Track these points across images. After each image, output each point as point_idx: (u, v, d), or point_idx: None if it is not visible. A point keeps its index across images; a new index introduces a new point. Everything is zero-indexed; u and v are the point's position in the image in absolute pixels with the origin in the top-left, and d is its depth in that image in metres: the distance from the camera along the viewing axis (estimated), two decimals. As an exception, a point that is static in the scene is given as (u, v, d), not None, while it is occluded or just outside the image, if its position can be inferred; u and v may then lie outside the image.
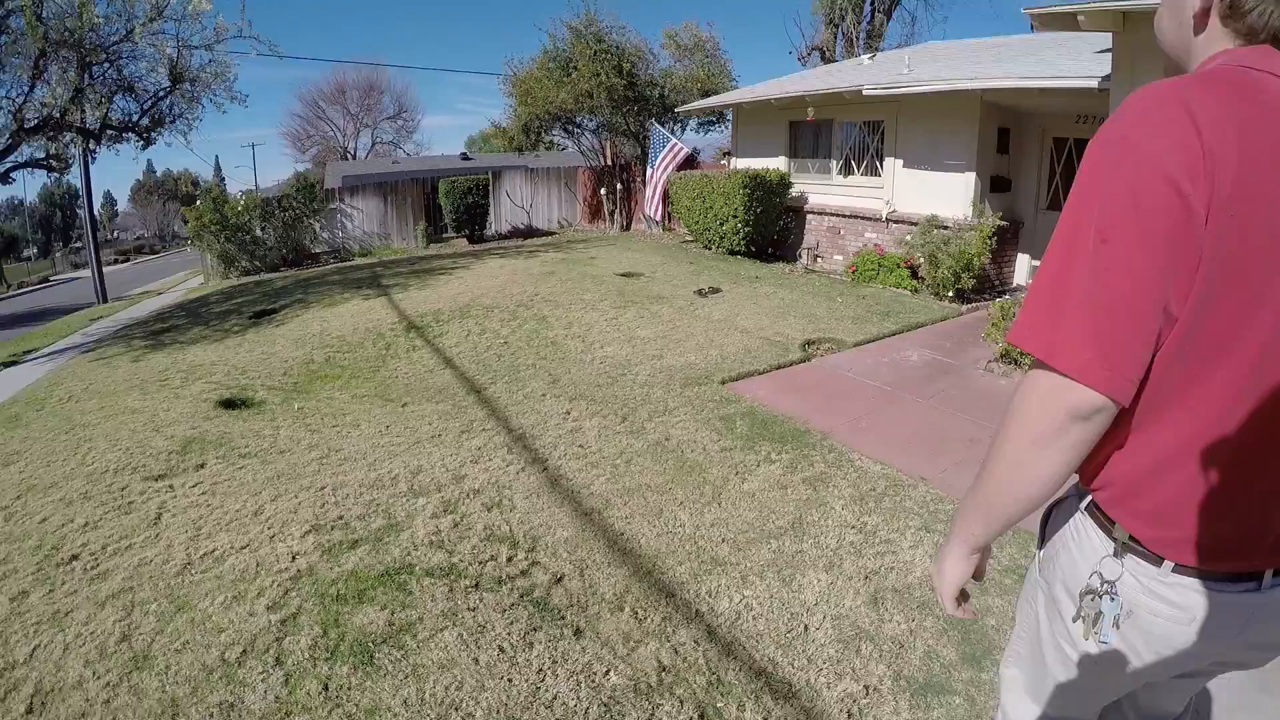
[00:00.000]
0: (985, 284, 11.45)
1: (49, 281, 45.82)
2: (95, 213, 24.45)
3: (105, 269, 23.53)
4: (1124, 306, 1.12)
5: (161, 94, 14.30)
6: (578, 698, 3.03)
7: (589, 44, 19.10)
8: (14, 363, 10.96)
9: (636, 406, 6.47)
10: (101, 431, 6.53)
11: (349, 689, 3.07)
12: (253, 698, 3.04)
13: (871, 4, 26.58)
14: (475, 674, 3.16)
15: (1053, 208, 12.06)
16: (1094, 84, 8.81)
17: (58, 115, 12.35)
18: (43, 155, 13.91)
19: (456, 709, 2.97)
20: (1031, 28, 8.28)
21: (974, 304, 10.70)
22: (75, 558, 4.27)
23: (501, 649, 3.31)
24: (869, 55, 17.91)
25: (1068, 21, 7.39)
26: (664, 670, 3.18)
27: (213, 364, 8.65)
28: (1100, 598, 1.32)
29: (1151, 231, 1.10)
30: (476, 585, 3.80)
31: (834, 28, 26.50)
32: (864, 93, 12.09)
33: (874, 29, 26.70)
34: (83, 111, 12.76)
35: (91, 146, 14.56)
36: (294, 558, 4.11)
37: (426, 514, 4.57)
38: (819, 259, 14.12)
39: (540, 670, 3.19)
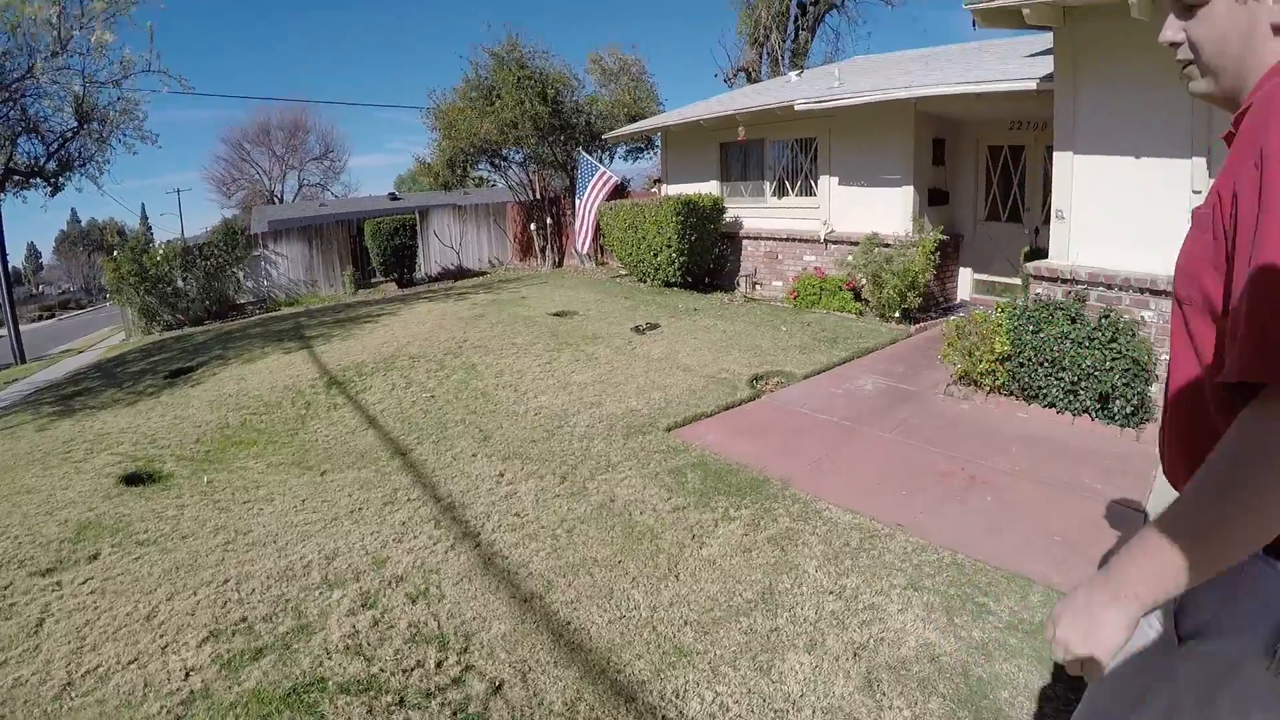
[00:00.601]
0: (930, 302, 11.21)
1: (-40, 340, 43.89)
2: (9, 267, 23.28)
3: (27, 326, 22.43)
4: None
5: (69, 135, 13.71)
6: None
7: (511, 71, 18.68)
8: (-88, 432, 10.13)
9: (576, 464, 5.95)
10: (-10, 517, 5.83)
11: None
12: None
13: (796, 23, 26.63)
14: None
15: (991, 218, 11.89)
16: (1032, 85, 8.61)
17: None
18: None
19: None
20: (974, 25, 8.03)
21: (921, 323, 10.43)
22: None
23: (429, 790, 2.76)
24: (796, 72, 17.75)
25: (1012, 17, 7.18)
26: None
27: (121, 431, 7.97)
28: None
29: None
30: (401, 702, 3.24)
31: (759, 47, 26.45)
32: (796, 108, 11.79)
33: (799, 47, 26.72)
34: None
35: None
36: (187, 675, 3.52)
37: (342, 610, 3.99)
38: (758, 286, 13.75)
39: None
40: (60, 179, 14.04)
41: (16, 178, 13.52)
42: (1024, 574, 3.98)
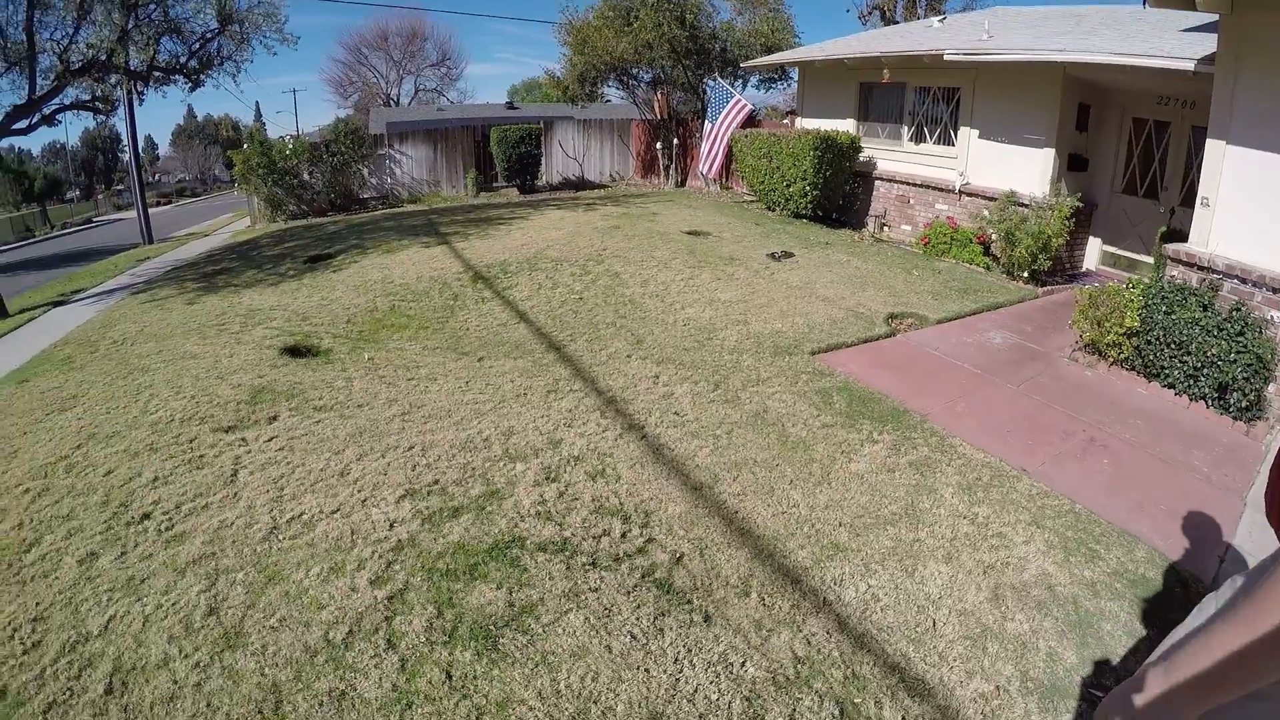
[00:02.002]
0: (1058, 266, 11.03)
1: (92, 222, 45.62)
2: (139, 155, 24.31)
3: (149, 211, 23.43)
4: None
5: (209, 36, 14.04)
6: (719, 690, 2.85)
7: (650, -9, 18.45)
8: (63, 302, 10.84)
9: (728, 374, 6.20)
10: (162, 377, 6.27)
11: (474, 678, 2.83)
12: (366, 685, 2.80)
13: (937, -35, 25.76)
14: (610, 664, 2.94)
15: (1128, 191, 11.54)
16: (1190, 66, 8.30)
17: (103, 57, 12.10)
18: (88, 97, 13.60)
19: (595, 702, 2.75)
20: (1144, 3, 7.89)
21: (1049, 287, 10.29)
22: (147, 517, 4.00)
23: (633, 635, 3.10)
24: (939, 18, 17.27)
25: (1185, 1, 7.02)
26: (800, 662, 3.05)
27: (271, 309, 8.40)
28: None
29: None
30: (594, 563, 3.56)
31: (897, -13, 25.72)
32: (945, 57, 11.56)
33: (937, -10, 25.89)
34: (126, 54, 12.49)
35: (138, 88, 14.27)
36: (392, 525, 3.84)
37: (528, 481, 4.31)
38: (885, 228, 13.67)
39: (677, 660, 2.98)
40: (200, 76, 14.45)
41: (157, 74, 13.95)
42: (1132, 532, 4.20)
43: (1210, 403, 6.26)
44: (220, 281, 10.47)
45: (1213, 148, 7.30)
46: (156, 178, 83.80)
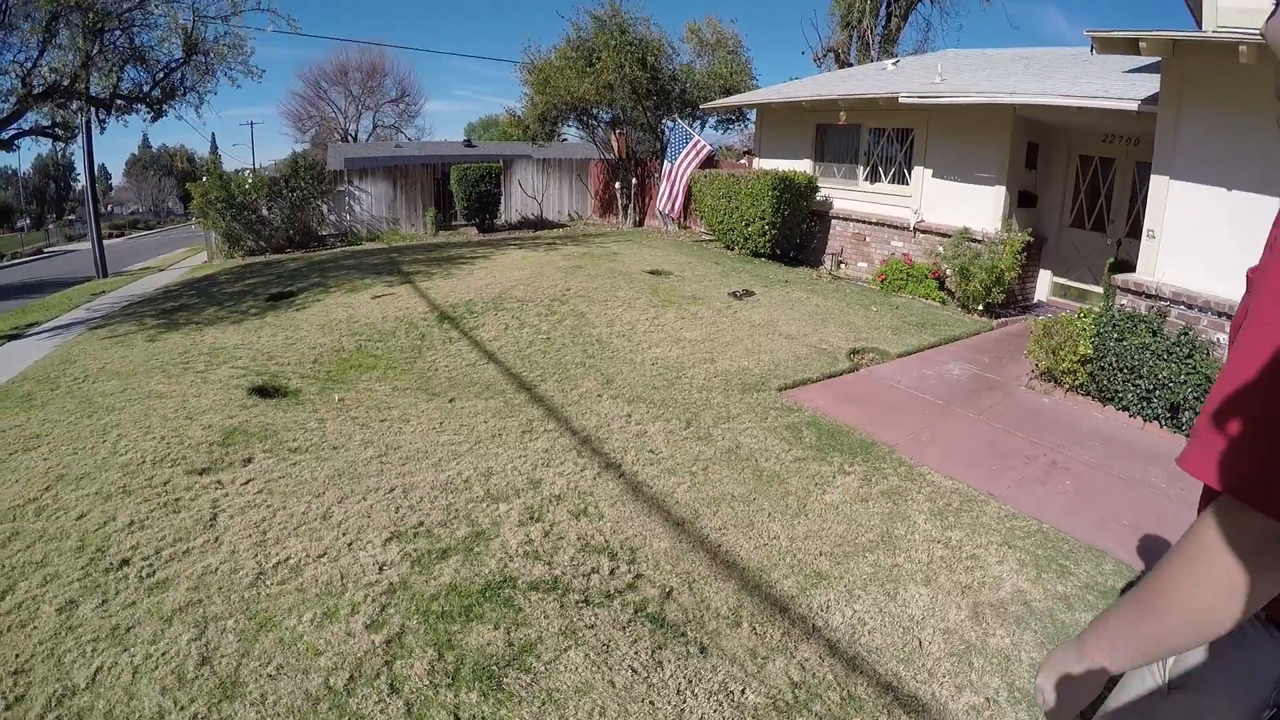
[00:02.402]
0: (1010, 299, 11.36)
1: (43, 253, 44.90)
2: (96, 186, 23.99)
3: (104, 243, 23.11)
4: None
5: (174, 65, 13.96)
6: (723, 718, 2.95)
7: (613, 34, 18.75)
8: (17, 336, 10.65)
9: (699, 412, 6.32)
10: (129, 417, 6.21)
11: (483, 719, 2.86)
12: (375, 732, 2.81)
13: (888, 7, 26.41)
14: (615, 698, 3.01)
15: (1076, 225, 11.99)
16: (1134, 106, 8.71)
17: (66, 83, 12.00)
18: (48, 123, 13.47)
19: (607, 736, 2.80)
20: (1091, 50, 8.35)
21: (1003, 319, 10.61)
22: (126, 563, 3.93)
23: (634, 669, 3.17)
24: (893, 61, 17.73)
25: (1129, 45, 7.58)
26: (797, 687, 3.17)
27: (235, 347, 8.38)
28: None
29: None
30: (587, 600, 3.63)
31: (850, 30, 26.30)
32: (900, 100, 11.90)
33: (890, 33, 26.54)
34: (87, 80, 12.40)
35: (101, 116, 14.12)
36: (381, 568, 3.85)
37: (512, 521, 4.37)
38: (843, 265, 13.96)
39: (679, 691, 3.07)
40: (164, 106, 14.35)
41: (120, 102, 13.85)
42: (1099, 547, 4.46)
43: (1164, 423, 6.54)
44: (181, 318, 10.37)
45: (1157, 183, 7.69)
46: (109, 209, 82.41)
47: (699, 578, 3.90)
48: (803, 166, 14.86)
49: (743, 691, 3.09)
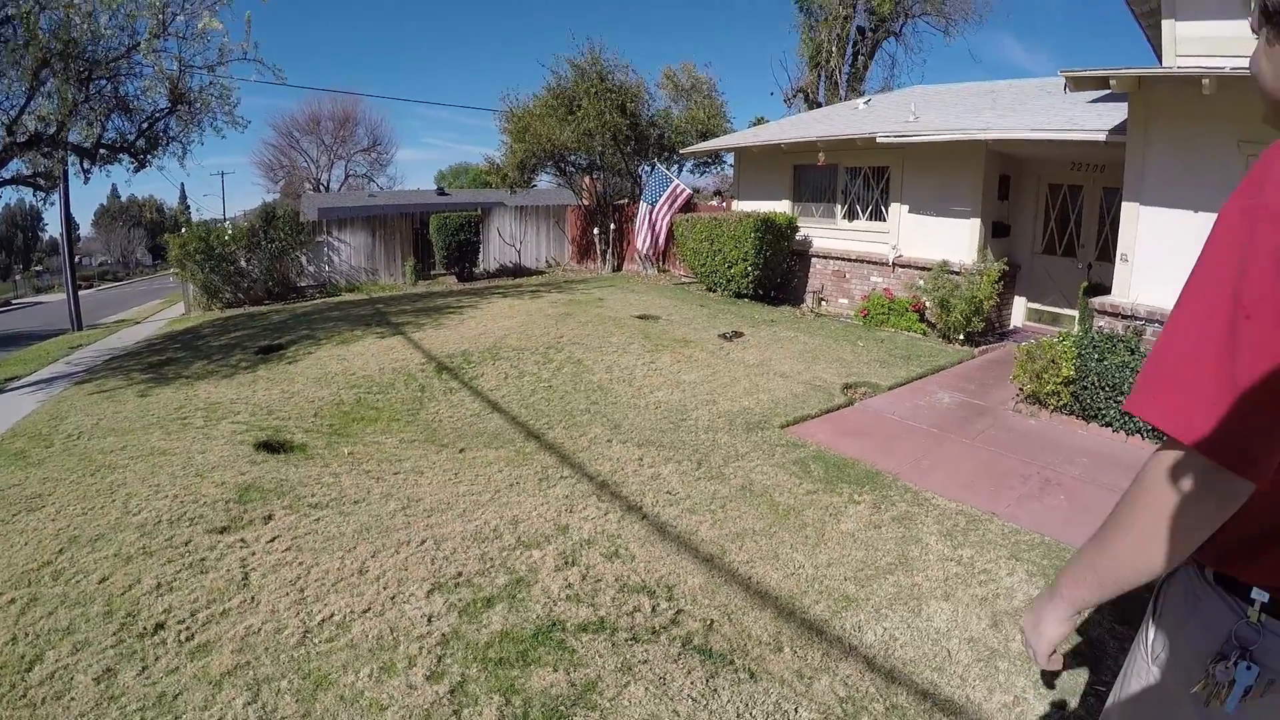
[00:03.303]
0: (989, 327, 11.63)
1: (11, 305, 44.31)
2: (71, 237, 23.77)
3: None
4: (1270, 392, 1.05)
5: (159, 114, 13.94)
6: None
7: (593, 82, 19.12)
8: (-2, 390, 10.55)
9: (708, 452, 6.46)
10: (135, 475, 6.18)
11: (561, 757, 2.95)
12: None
13: (854, 47, 27.14)
14: (683, 726, 3.12)
15: (1048, 251, 12.39)
16: (1102, 136, 9.09)
17: (52, 131, 11.99)
18: (29, 173, 13.40)
19: (679, 762, 2.91)
20: (1065, 89, 8.82)
21: (984, 346, 10.88)
22: (161, 627, 3.83)
23: (693, 699, 3.28)
24: (864, 100, 18.19)
25: (1099, 82, 8.08)
26: (844, 701, 3.32)
27: (232, 402, 8.37)
28: (1235, 665, 1.25)
29: None
30: (635, 638, 3.72)
31: (818, 70, 26.98)
32: (877, 140, 12.25)
33: (856, 71, 27.28)
34: (64, 129, 12.37)
35: (85, 165, 14.01)
36: (430, 620, 3.89)
37: (549, 567, 4.44)
38: (824, 302, 14.21)
39: (739, 715, 3.20)
40: (147, 156, 14.30)
41: (103, 152, 13.78)
42: None
43: (1146, 435, 6.85)
44: (170, 372, 10.32)
45: (1128, 209, 8.05)
46: (78, 260, 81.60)
47: (736, 609, 4.04)
48: (781, 207, 15.15)
49: (796, 710, 3.23)
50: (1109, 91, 8.53)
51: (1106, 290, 8.65)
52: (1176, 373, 1.15)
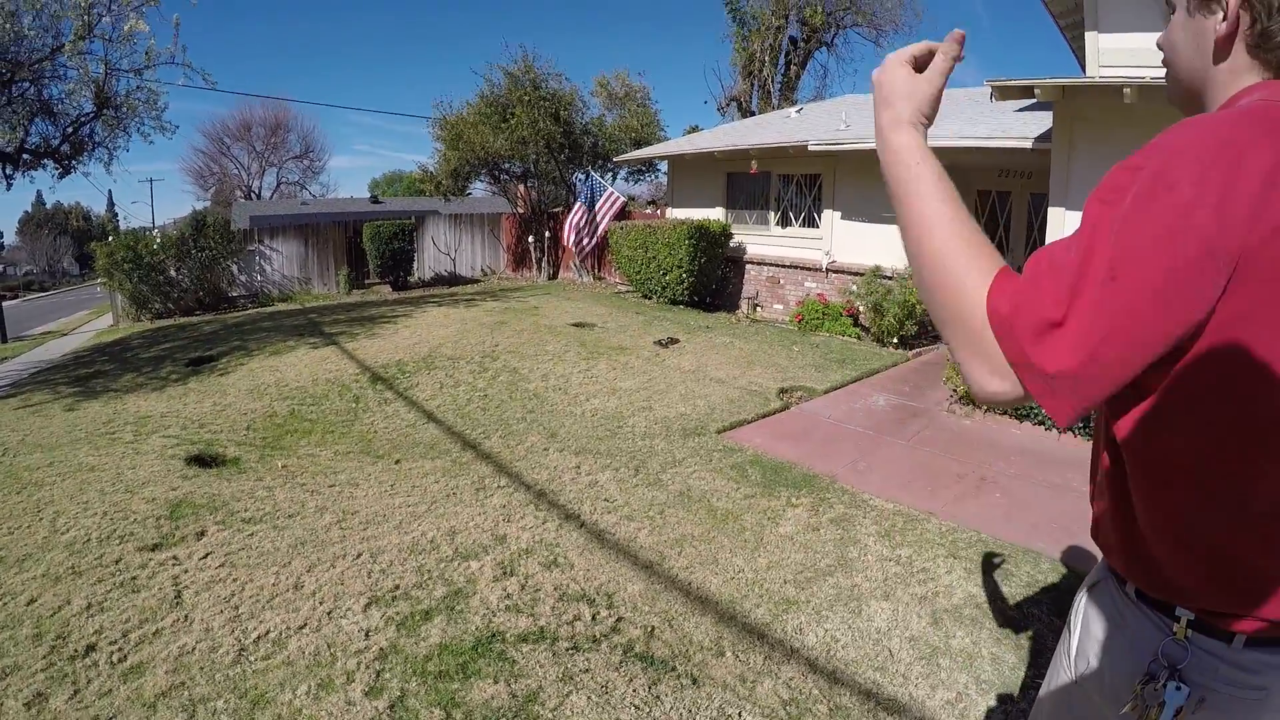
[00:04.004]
0: (923, 330, 11.88)
1: (-73, 317, 42.37)
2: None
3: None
4: (1114, 346, 0.97)
5: (84, 119, 13.60)
6: None
7: (526, 90, 19.13)
8: (-84, 407, 10.17)
9: (645, 459, 6.50)
10: (62, 492, 6.01)
11: (504, 769, 2.95)
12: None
13: (787, 56, 27.52)
14: (625, 735, 3.14)
15: (978, 255, 12.68)
16: (1028, 144, 9.39)
17: None
18: (-52, 179, 13.04)
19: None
20: (991, 98, 9.04)
21: (917, 350, 11.13)
22: (93, 649, 3.74)
23: (636, 707, 3.30)
24: (796, 109, 18.46)
25: (1024, 91, 8.26)
26: (788, 704, 3.36)
27: (163, 415, 8.18)
28: (1164, 685, 1.21)
29: (1167, 286, 0.97)
30: (576, 647, 3.74)
31: (751, 79, 27.29)
32: (809, 148, 12.47)
33: (789, 80, 27.65)
34: None
35: (7, 171, 13.57)
36: (367, 635, 3.85)
37: (487, 577, 4.43)
38: (759, 308, 14.38)
39: None
40: (72, 162, 13.93)
41: (26, 157, 13.41)
42: (1034, 549, 4.90)
43: (1076, 432, 7.06)
44: (98, 386, 10.05)
45: (1054, 214, 8.29)
46: (2, 269, 79.04)
47: (677, 615, 4.07)
48: (715, 214, 15.31)
49: (739, 715, 3.26)
50: (1034, 100, 8.76)
51: (1037, 293, 8.88)
52: (1051, 284, 1.01)
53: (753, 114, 25.08)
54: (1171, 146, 1.01)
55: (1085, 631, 1.42)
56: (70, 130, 13.73)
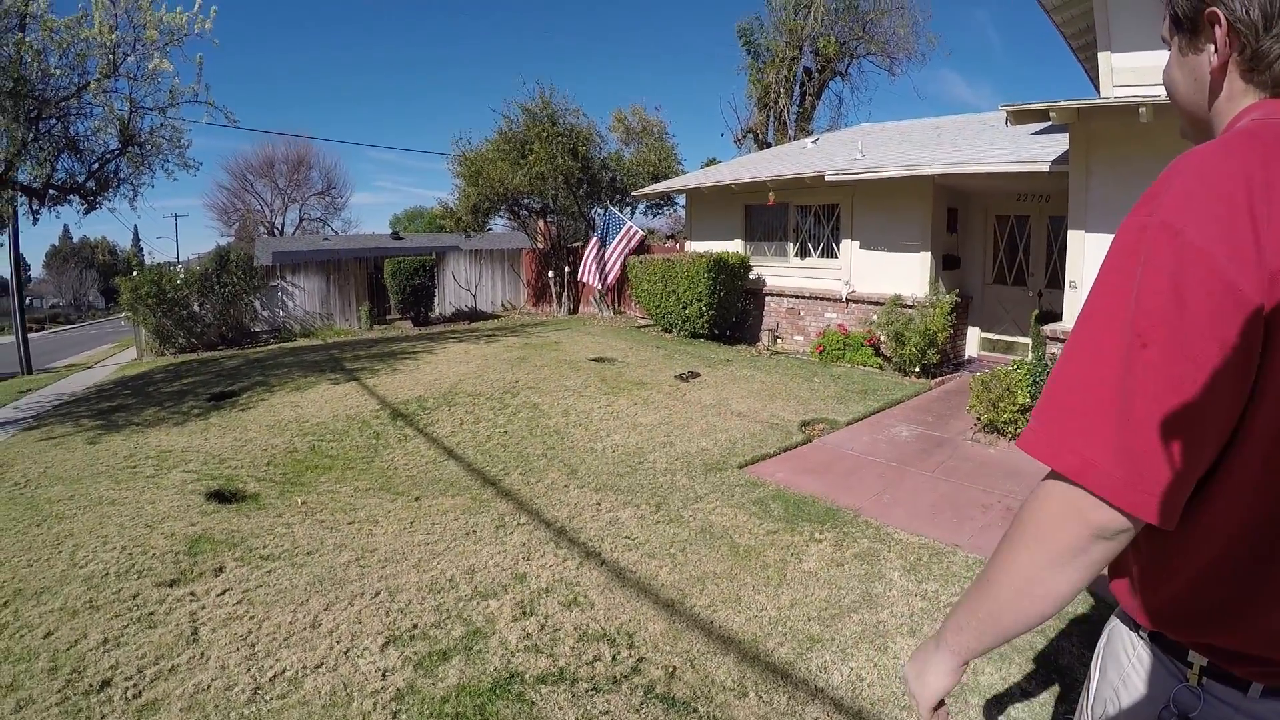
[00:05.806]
0: (944, 358, 11.80)
1: (-47, 348, 43.01)
2: (23, 279, 23.20)
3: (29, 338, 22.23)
4: (1163, 422, 0.98)
5: (109, 156, 13.77)
6: None
7: (544, 126, 19.27)
8: (-57, 436, 10.25)
9: (666, 495, 6.44)
10: (83, 525, 6.03)
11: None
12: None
13: (802, 88, 27.69)
14: (648, 777, 3.06)
15: (998, 281, 12.66)
16: (1045, 167, 9.38)
17: (1, 169, 11.82)
18: (-23, 214, 13.21)
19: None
20: (1006, 122, 9.01)
21: (940, 378, 11.03)
22: (108, 684, 3.73)
23: (658, 750, 3.22)
24: (812, 139, 18.50)
25: (1040, 115, 8.25)
26: None
27: (184, 450, 8.21)
28: None
29: (1198, 335, 0.97)
30: (596, 689, 3.67)
31: (767, 111, 27.46)
32: (826, 178, 12.48)
33: (804, 111, 27.80)
34: (12, 168, 12.19)
35: (34, 206, 13.76)
36: (384, 675, 3.80)
37: (506, 617, 4.38)
38: (779, 340, 14.33)
39: None
40: (98, 198, 14.12)
41: (53, 193, 13.60)
42: None
43: None
44: (120, 419, 10.11)
45: (1074, 236, 8.25)
46: (28, 301, 79.81)
47: (698, 654, 4.00)
48: (734, 247, 15.32)
49: (764, 757, 3.16)
50: (1050, 123, 8.75)
51: (1058, 317, 8.85)
52: (1067, 405, 1.08)
53: (769, 145, 25.23)
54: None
55: (1102, 675, 1.39)
56: (96, 167, 13.92)
